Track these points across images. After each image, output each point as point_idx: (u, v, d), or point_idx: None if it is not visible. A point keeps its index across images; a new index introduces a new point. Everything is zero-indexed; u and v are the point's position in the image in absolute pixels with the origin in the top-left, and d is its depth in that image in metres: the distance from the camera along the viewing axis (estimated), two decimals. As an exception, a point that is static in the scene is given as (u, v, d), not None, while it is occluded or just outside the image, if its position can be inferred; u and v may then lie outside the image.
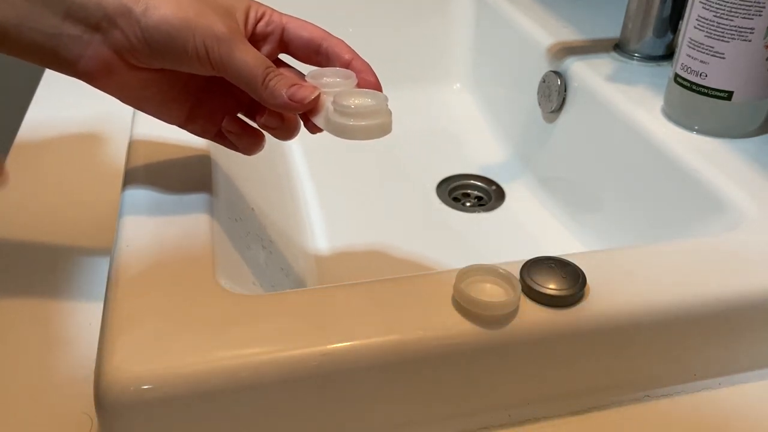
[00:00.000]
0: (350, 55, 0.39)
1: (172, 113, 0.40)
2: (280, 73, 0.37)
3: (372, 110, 0.36)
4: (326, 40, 0.40)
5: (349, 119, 0.36)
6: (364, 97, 0.37)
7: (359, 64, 0.39)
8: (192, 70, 0.37)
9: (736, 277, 0.37)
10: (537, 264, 0.35)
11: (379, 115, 0.36)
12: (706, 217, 0.46)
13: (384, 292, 0.35)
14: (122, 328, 0.32)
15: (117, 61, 0.36)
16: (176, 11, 0.35)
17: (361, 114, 0.36)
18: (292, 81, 0.36)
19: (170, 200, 0.41)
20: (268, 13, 0.40)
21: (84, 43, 0.35)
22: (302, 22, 0.40)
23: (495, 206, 0.66)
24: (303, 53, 0.40)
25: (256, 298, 0.35)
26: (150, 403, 0.30)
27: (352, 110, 0.36)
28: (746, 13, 0.47)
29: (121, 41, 0.35)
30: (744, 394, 0.38)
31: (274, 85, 0.36)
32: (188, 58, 0.35)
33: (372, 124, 0.36)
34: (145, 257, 0.36)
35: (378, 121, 0.36)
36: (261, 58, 0.36)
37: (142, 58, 0.36)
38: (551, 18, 0.71)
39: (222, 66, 0.36)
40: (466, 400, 0.35)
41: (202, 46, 0.35)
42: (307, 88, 0.37)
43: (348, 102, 0.36)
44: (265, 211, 0.52)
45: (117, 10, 0.35)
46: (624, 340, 0.36)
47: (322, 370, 0.31)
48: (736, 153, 0.48)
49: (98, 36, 0.35)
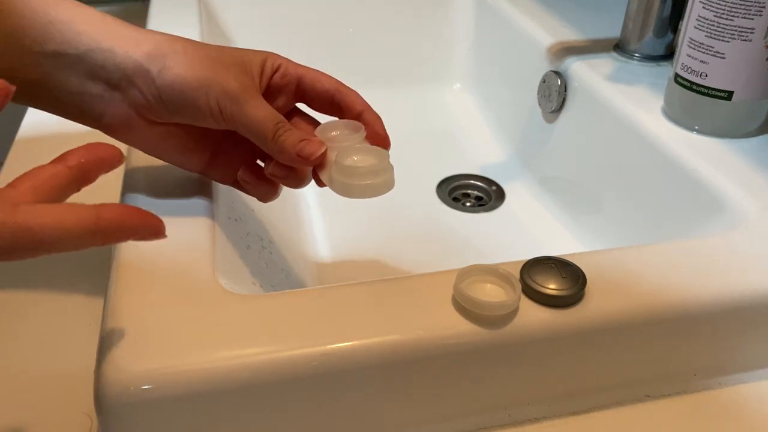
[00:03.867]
0: (362, 107, 0.41)
1: (192, 163, 0.41)
2: (290, 129, 0.38)
3: (373, 169, 0.37)
4: (339, 92, 0.41)
5: (351, 178, 0.37)
6: (366, 154, 0.38)
7: (369, 116, 0.41)
8: (207, 125, 0.38)
9: (736, 277, 0.37)
10: (537, 264, 0.35)
11: (380, 174, 0.37)
12: (706, 217, 0.46)
13: (384, 292, 0.35)
14: (122, 328, 0.32)
15: (136, 117, 0.38)
16: (190, 70, 0.37)
17: (362, 174, 0.37)
18: (300, 137, 0.38)
19: (170, 200, 0.41)
20: (284, 65, 0.41)
21: (105, 101, 0.37)
22: (317, 74, 0.41)
23: (495, 206, 0.66)
24: (317, 104, 0.42)
25: (256, 298, 0.35)
26: (150, 403, 0.30)
27: (353, 169, 0.37)
28: (746, 13, 0.47)
29: (139, 99, 0.37)
30: (744, 394, 0.38)
31: (284, 141, 0.37)
32: (202, 115, 0.37)
33: (373, 183, 0.37)
34: (145, 257, 0.36)
35: (379, 180, 0.37)
36: (272, 114, 0.38)
37: (159, 114, 0.38)
38: (551, 18, 0.71)
39: (234, 122, 0.37)
40: (465, 400, 0.35)
41: (215, 104, 0.37)
42: (314, 143, 0.38)
43: (349, 161, 0.37)
44: (265, 212, 0.52)
45: (135, 71, 0.37)
46: (624, 340, 0.36)
47: (322, 370, 0.31)
48: (736, 153, 0.48)
49: (118, 94, 0.37)
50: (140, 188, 0.42)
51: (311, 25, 0.81)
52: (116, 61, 0.36)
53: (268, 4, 0.80)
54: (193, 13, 0.68)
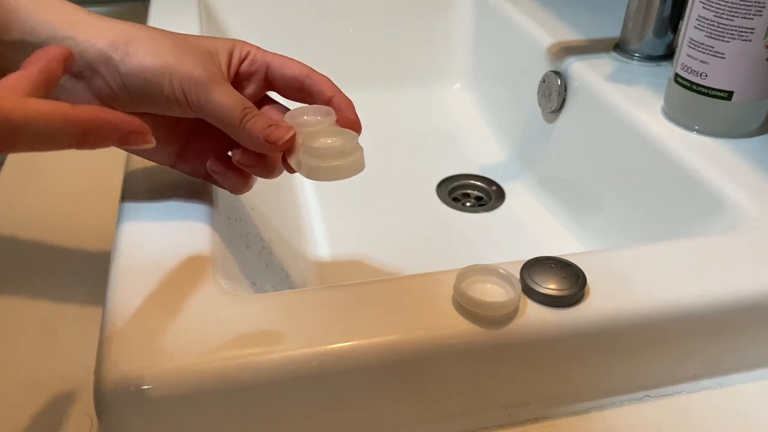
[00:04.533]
0: (332, 92, 0.40)
1: (162, 154, 0.41)
2: (257, 114, 0.37)
3: (340, 150, 0.36)
4: (309, 77, 0.40)
5: (317, 160, 0.36)
6: (333, 136, 0.37)
7: (340, 100, 0.40)
8: (174, 113, 0.37)
9: (736, 277, 0.37)
10: (537, 264, 0.35)
11: (348, 155, 0.36)
12: (706, 217, 0.46)
13: (384, 292, 0.35)
14: (122, 328, 0.32)
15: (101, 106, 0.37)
16: (154, 57, 0.36)
17: (329, 155, 0.36)
18: (268, 122, 0.37)
19: (170, 200, 0.41)
20: (253, 53, 0.40)
21: (68, 90, 0.36)
22: (286, 60, 0.40)
23: (495, 206, 0.66)
24: (287, 91, 0.41)
25: (256, 298, 0.35)
26: (150, 403, 0.30)
27: (319, 151, 0.36)
28: (746, 12, 0.47)
29: (102, 88, 0.36)
30: (744, 394, 0.38)
31: (251, 126, 0.36)
32: (167, 102, 0.37)
33: (341, 164, 0.36)
34: (145, 257, 0.36)
35: (347, 161, 0.36)
36: (238, 100, 0.37)
37: (124, 103, 0.37)
38: (551, 18, 0.71)
39: (200, 108, 0.37)
40: (465, 400, 0.35)
41: (180, 90, 0.36)
42: (282, 128, 0.37)
43: (317, 143, 0.36)
44: (265, 211, 0.52)
45: (98, 59, 0.36)
46: (624, 340, 0.36)
47: (322, 370, 0.31)
48: (736, 153, 0.48)
49: (82, 84, 0.36)
50: (140, 188, 0.42)
51: (311, 25, 0.81)
52: (78, 49, 0.35)
53: (268, 5, 0.80)
54: (193, 13, 0.68)
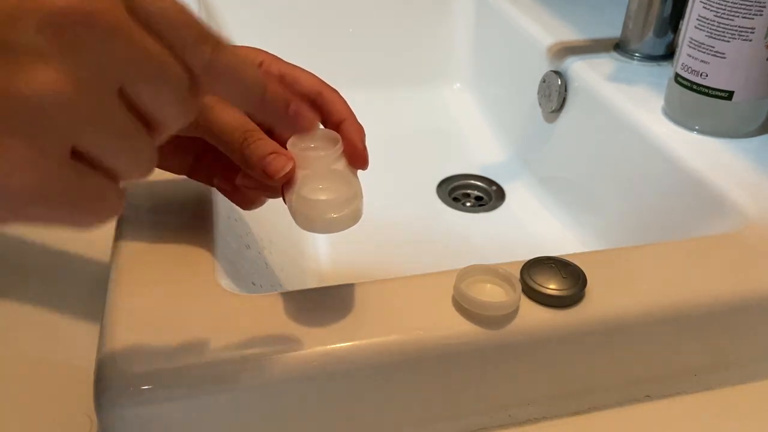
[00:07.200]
0: (343, 115, 0.37)
1: (174, 167, 0.40)
2: (260, 138, 0.35)
3: (336, 202, 0.32)
4: (321, 94, 0.38)
5: (312, 211, 0.32)
6: (332, 182, 0.34)
7: (350, 127, 0.37)
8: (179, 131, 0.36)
9: (736, 277, 0.37)
10: (537, 264, 0.35)
11: (344, 206, 0.32)
12: (707, 217, 0.46)
13: (384, 292, 0.35)
14: (122, 328, 0.32)
15: None
16: None
17: (324, 208, 0.32)
18: (270, 149, 0.34)
19: (170, 200, 0.41)
20: (267, 63, 0.38)
21: None
22: (298, 74, 0.38)
23: (495, 206, 0.66)
24: None
25: (256, 298, 0.35)
26: (150, 403, 0.30)
27: (314, 203, 0.33)
28: (747, 12, 0.47)
29: None
30: (744, 394, 0.38)
31: (251, 153, 0.34)
32: None
33: (337, 217, 0.32)
34: (145, 257, 0.36)
35: (342, 213, 0.32)
36: (240, 121, 0.35)
37: None
38: (551, 18, 0.71)
39: (199, 127, 0.35)
40: (465, 400, 0.35)
41: None
42: (281, 159, 0.34)
43: (312, 193, 0.33)
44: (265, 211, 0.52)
45: None
46: (624, 340, 0.36)
47: (322, 370, 0.31)
48: (736, 153, 0.48)
49: None
50: (140, 189, 0.42)
51: (311, 25, 0.81)
52: None
53: (268, 4, 0.80)
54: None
